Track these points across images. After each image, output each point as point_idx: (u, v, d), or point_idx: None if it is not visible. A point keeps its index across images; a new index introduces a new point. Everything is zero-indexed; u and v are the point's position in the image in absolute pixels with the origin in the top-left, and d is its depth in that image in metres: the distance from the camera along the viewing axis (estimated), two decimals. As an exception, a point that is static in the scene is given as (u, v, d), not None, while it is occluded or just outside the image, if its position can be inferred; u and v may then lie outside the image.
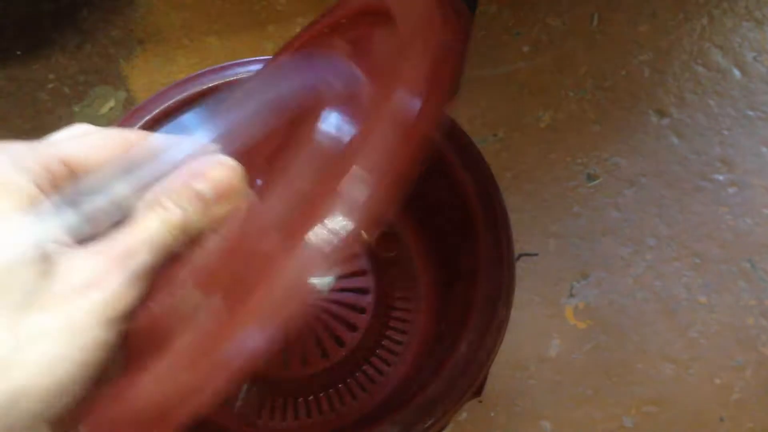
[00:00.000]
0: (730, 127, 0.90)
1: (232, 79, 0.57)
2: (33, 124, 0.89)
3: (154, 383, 0.28)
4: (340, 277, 0.60)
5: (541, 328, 0.79)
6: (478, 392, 0.53)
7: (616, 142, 0.89)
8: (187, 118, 0.55)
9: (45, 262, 0.26)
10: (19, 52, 0.92)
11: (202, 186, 0.29)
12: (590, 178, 0.86)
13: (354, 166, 0.27)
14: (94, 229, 0.28)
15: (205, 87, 0.57)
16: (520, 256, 0.81)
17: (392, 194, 0.28)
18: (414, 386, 0.53)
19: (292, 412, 0.56)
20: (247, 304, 0.27)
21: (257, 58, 0.58)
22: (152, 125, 0.55)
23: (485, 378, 0.53)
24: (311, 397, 0.57)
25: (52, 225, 0.27)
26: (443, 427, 0.50)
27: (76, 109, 0.89)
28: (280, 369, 0.57)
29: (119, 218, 0.29)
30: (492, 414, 0.75)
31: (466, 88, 0.90)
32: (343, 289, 0.60)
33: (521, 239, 0.82)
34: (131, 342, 0.29)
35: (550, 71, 0.93)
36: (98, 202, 0.28)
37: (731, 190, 0.86)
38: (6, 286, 0.25)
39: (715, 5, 0.98)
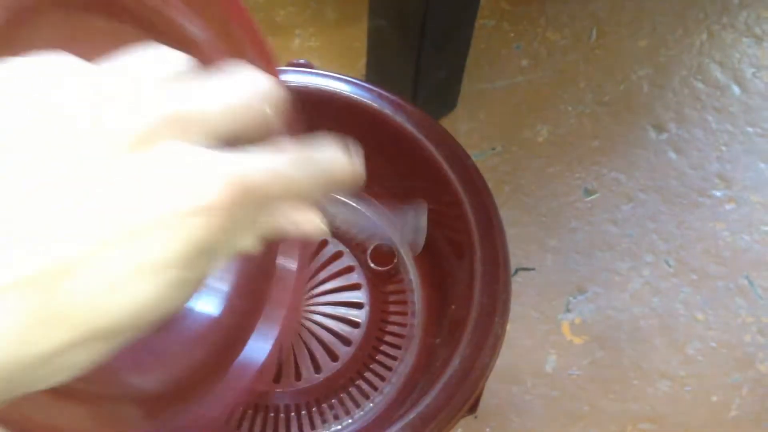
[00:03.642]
0: (729, 143, 0.90)
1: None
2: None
3: None
4: (334, 291, 0.60)
5: (538, 343, 0.78)
6: (474, 408, 0.52)
7: (615, 156, 0.88)
8: None
9: None
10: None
11: None
12: (588, 192, 0.86)
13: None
14: None
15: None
16: (517, 270, 0.81)
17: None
18: (408, 402, 0.53)
19: (285, 427, 0.56)
20: None
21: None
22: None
23: (480, 394, 0.52)
24: (303, 412, 0.56)
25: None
26: (437, 444, 0.49)
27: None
28: (272, 383, 0.56)
29: None
30: (487, 430, 0.74)
31: (465, 102, 0.90)
32: (337, 303, 0.60)
33: (518, 253, 0.82)
34: None
35: (548, 85, 0.93)
36: None
37: (729, 206, 0.86)
38: None
39: (714, 21, 0.98)
